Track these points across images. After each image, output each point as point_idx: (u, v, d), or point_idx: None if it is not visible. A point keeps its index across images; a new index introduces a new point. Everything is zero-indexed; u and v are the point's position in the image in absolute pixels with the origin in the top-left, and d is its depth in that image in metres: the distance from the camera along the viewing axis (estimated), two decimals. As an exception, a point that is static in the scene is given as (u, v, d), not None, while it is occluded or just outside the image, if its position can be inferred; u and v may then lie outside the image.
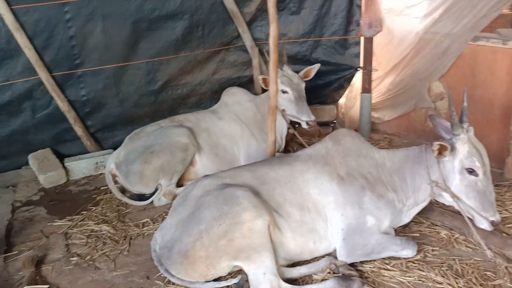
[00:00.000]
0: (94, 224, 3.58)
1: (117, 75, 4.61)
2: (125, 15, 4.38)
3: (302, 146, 4.93)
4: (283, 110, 4.22)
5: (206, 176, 2.99)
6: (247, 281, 2.54)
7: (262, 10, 4.95)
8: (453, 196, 2.68)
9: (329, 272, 2.72)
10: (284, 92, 4.19)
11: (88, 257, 3.15)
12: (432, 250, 2.90)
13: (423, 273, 2.66)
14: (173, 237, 2.67)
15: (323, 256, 2.86)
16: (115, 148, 4.78)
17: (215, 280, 2.68)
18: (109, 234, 3.42)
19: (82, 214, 3.78)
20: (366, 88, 5.17)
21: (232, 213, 2.52)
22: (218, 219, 2.54)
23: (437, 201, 2.95)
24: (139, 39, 4.56)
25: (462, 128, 2.70)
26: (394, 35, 4.89)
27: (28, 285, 2.79)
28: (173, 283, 2.73)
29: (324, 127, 5.48)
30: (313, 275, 2.73)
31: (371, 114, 5.25)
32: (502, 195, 3.52)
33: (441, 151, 2.67)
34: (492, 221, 2.60)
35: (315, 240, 2.78)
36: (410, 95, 4.97)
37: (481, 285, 2.54)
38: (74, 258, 3.14)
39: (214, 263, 2.57)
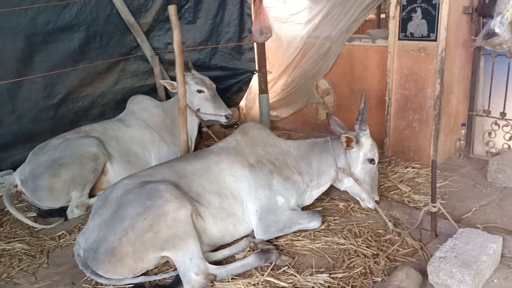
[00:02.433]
0: (5, 243, 3.44)
1: (12, 91, 4.44)
2: (17, 29, 4.27)
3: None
4: (198, 110, 4.44)
5: (125, 177, 3.09)
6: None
7: (158, 20, 5.14)
8: (356, 180, 3.18)
9: (249, 251, 3.01)
10: (200, 91, 4.43)
11: (5, 275, 3.04)
12: (334, 220, 3.35)
13: (329, 239, 3.08)
14: (97, 238, 2.74)
15: (241, 238, 3.14)
16: (14, 169, 4.60)
17: (143, 274, 2.80)
18: (23, 251, 3.32)
19: (-12, 236, 3.60)
20: (263, 89, 5.60)
21: (156, 206, 2.69)
22: (142, 214, 2.68)
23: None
24: (34, 53, 4.46)
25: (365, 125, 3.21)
26: (283, 40, 5.43)
27: None
28: (101, 284, 2.79)
29: (228, 129, 5.80)
30: (235, 255, 2.99)
31: (270, 113, 5.69)
32: (384, 169, 4.15)
33: (348, 142, 3.16)
34: (376, 200, 3.22)
35: (234, 223, 3.05)
36: (301, 93, 5.52)
37: (375, 241, 3.04)
38: (-11, 279, 3.01)
39: (142, 256, 2.70)
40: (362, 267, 2.74)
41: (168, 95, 5.23)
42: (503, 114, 4.06)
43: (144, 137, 4.43)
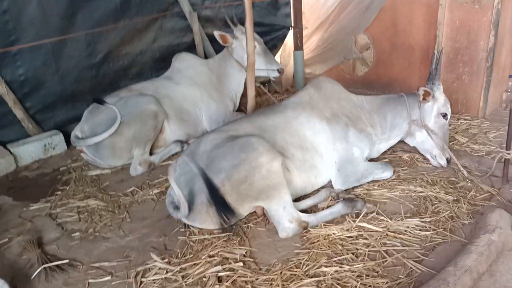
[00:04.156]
0: (78, 201, 3.48)
1: (56, 50, 4.34)
2: (62, -16, 4.13)
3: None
4: None
5: (208, 132, 3.11)
6: None
7: (197, -27, 5.01)
8: (431, 131, 3.25)
9: (330, 200, 3.12)
10: None
11: (91, 230, 3.10)
12: (402, 170, 3.46)
13: (405, 187, 3.20)
14: (191, 191, 2.80)
15: (318, 190, 3.24)
16: (57, 129, 4.59)
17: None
18: (100, 207, 3.37)
19: (57, 194, 3.63)
20: (299, 45, 5.58)
21: (250, 158, 2.74)
22: (237, 166, 2.73)
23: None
24: (77, 10, 4.33)
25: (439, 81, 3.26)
26: (321, -6, 5.34)
27: (43, 264, 2.70)
28: (194, 234, 2.87)
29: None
30: (317, 205, 3.10)
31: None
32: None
33: (425, 96, 3.21)
34: (447, 158, 3.29)
35: (315, 175, 3.14)
36: (338, 49, 5.51)
37: (451, 188, 3.16)
38: (76, 234, 3.07)
39: (238, 207, 2.78)
40: (448, 211, 2.86)
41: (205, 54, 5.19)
42: (553, 64, 4.16)
43: (194, 95, 4.42)
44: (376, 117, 3.40)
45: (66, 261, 2.73)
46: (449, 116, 3.39)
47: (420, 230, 2.73)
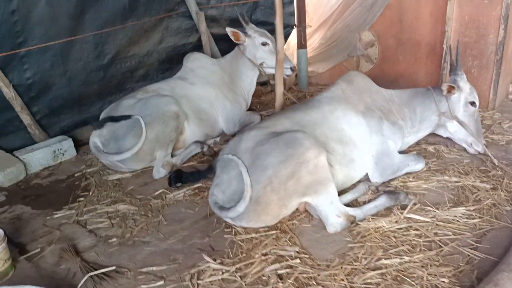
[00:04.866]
0: (106, 206, 3.35)
1: (64, 51, 4.20)
2: (71, -18, 3.99)
3: (261, 104, 5.21)
4: (261, 64, 4.38)
5: (247, 130, 3.06)
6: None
7: (203, -27, 4.95)
8: (461, 122, 3.31)
9: (368, 194, 3.12)
10: (264, 44, 4.36)
11: (128, 235, 2.99)
12: (432, 162, 3.51)
13: (439, 178, 3.25)
14: (237, 189, 2.74)
15: (355, 185, 3.24)
16: (63, 134, 4.42)
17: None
18: (131, 211, 3.26)
19: (79, 201, 3.48)
20: (302, 44, 5.59)
21: (297, 154, 2.71)
22: (284, 162, 2.69)
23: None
24: (86, 9, 4.22)
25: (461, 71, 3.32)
26: (325, -8, 5.38)
27: (87, 272, 2.57)
28: (240, 234, 2.82)
29: (264, 86, 5.77)
30: (358, 199, 3.10)
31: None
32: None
33: (450, 90, 3.28)
34: (484, 143, 3.33)
35: (355, 169, 3.15)
36: (342, 46, 5.55)
37: (484, 176, 3.23)
38: (113, 240, 2.95)
39: (286, 203, 2.74)
40: (489, 199, 2.92)
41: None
42: (560, 56, 4.34)
43: (210, 95, 4.35)
44: (406, 110, 3.44)
45: (113, 268, 2.61)
46: (477, 104, 3.45)
47: (467, 218, 2.77)
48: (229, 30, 4.33)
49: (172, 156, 3.92)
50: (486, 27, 4.26)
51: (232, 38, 4.34)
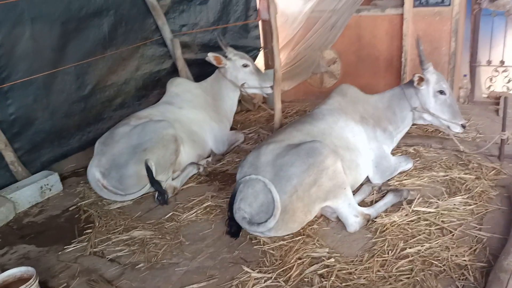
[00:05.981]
0: (119, 234, 3.33)
1: (47, 84, 4.14)
2: (54, 16, 3.99)
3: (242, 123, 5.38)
4: (243, 85, 4.58)
5: (262, 144, 3.22)
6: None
7: (174, 1, 5.10)
8: (432, 114, 3.68)
9: (373, 194, 3.43)
10: (245, 66, 4.56)
11: (154, 259, 3.00)
12: (416, 161, 3.90)
13: (428, 174, 3.64)
14: (265, 201, 2.90)
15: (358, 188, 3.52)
16: (43, 169, 4.30)
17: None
18: (148, 236, 3.27)
19: (86, 233, 3.42)
20: (270, 64, 5.90)
21: (318, 162, 2.93)
22: (306, 170, 2.91)
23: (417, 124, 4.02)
24: (68, 41, 4.19)
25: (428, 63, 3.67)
26: (288, 16, 5.74)
27: (130, 299, 2.58)
28: (267, 242, 2.97)
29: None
30: (364, 200, 3.39)
31: (274, 87, 6.00)
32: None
33: (419, 81, 3.60)
34: (462, 124, 3.70)
35: (360, 173, 3.43)
36: (306, 65, 5.92)
37: (466, 169, 3.67)
38: (140, 265, 2.95)
39: (310, 209, 2.95)
40: (477, 187, 3.34)
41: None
42: (502, 62, 5.00)
43: (198, 117, 4.47)
44: (389, 114, 3.74)
45: (152, 291, 2.63)
46: (447, 91, 3.64)
47: (464, 205, 3.15)
48: (211, 55, 4.50)
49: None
50: (438, 40, 4.84)
51: (214, 62, 4.51)
